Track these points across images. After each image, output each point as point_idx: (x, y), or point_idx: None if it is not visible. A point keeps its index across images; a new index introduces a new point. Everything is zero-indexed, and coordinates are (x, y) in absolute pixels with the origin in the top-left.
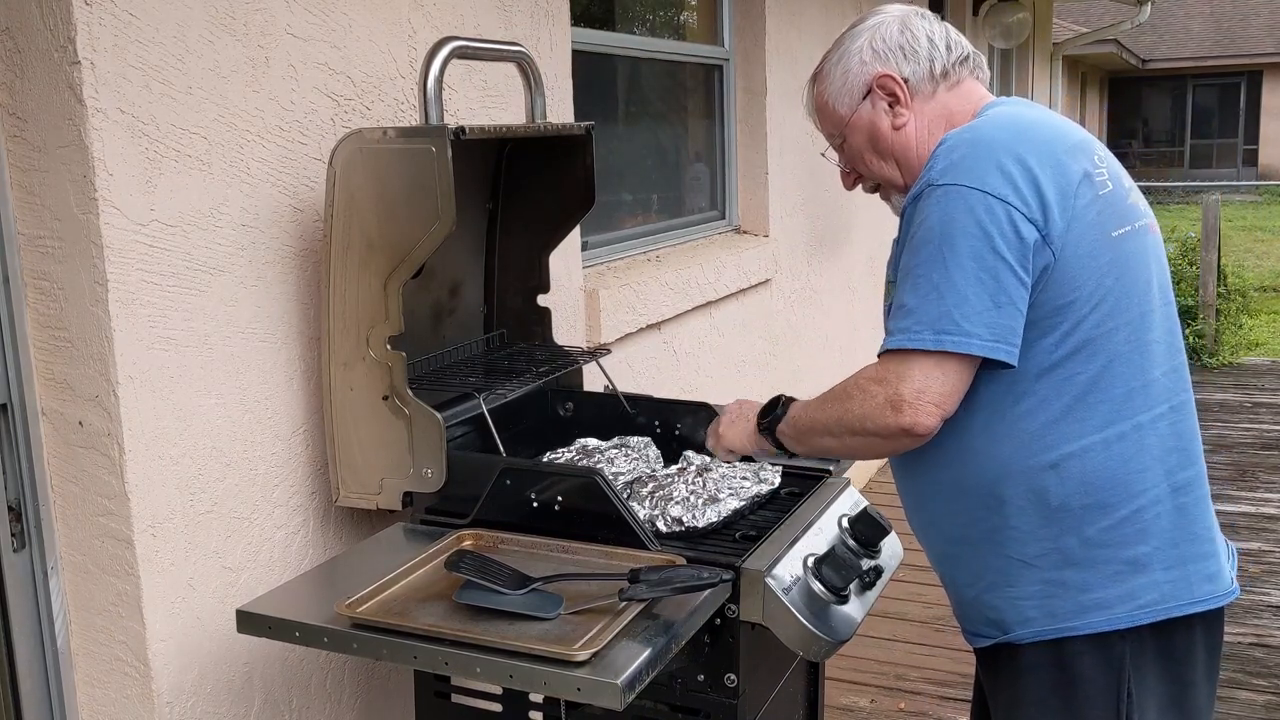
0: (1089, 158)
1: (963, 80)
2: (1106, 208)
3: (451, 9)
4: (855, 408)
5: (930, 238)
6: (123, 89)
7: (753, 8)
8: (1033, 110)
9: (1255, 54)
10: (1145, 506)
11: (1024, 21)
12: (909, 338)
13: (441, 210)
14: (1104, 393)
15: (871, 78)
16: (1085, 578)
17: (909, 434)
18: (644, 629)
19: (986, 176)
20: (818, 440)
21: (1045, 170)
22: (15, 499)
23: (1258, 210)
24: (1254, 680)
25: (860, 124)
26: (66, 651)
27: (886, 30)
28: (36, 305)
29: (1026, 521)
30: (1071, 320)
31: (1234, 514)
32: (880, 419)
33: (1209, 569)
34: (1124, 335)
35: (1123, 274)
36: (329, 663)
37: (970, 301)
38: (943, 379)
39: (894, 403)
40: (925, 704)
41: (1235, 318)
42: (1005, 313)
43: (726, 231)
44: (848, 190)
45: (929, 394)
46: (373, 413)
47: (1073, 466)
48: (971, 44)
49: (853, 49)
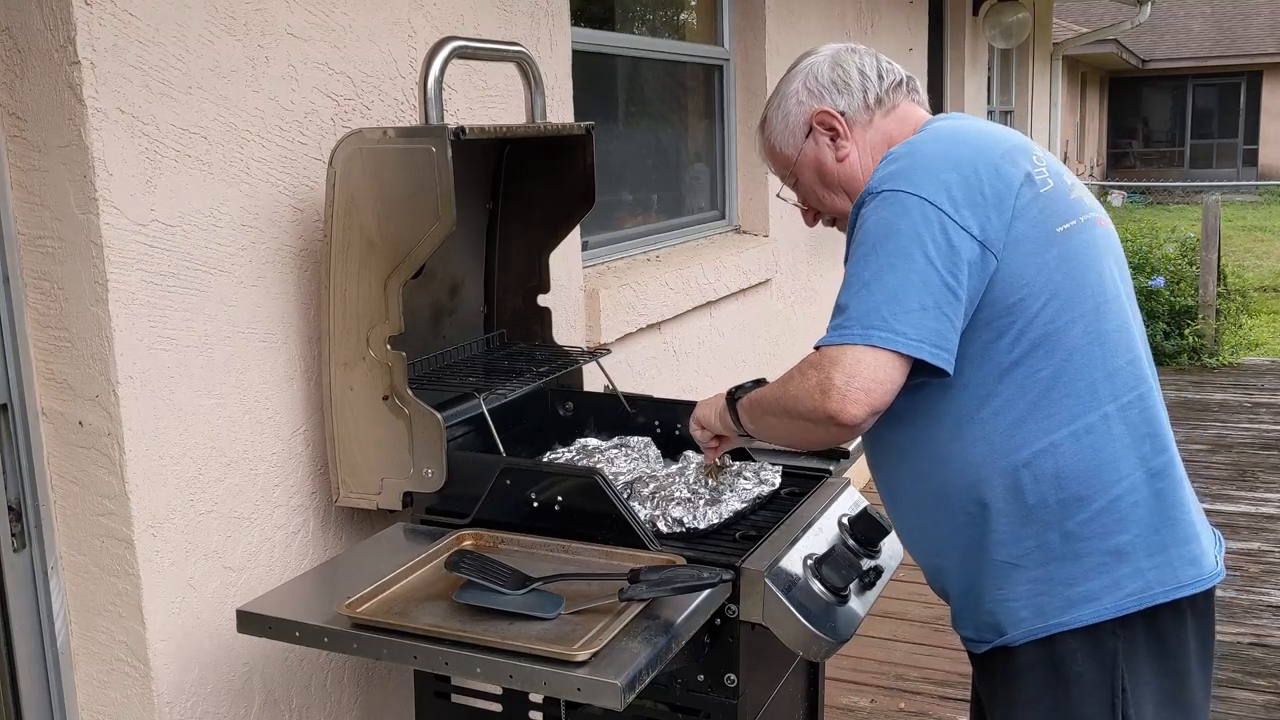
0: (1027, 158)
1: (899, 104)
2: (1048, 205)
3: (451, 9)
4: (792, 389)
5: (865, 239)
6: (123, 89)
7: (753, 8)
8: (970, 120)
9: (1255, 54)
10: (1121, 495)
11: (1024, 21)
12: (839, 334)
13: (441, 210)
14: (1067, 387)
15: (810, 115)
16: (1070, 572)
17: (835, 420)
18: (644, 629)
19: (922, 183)
20: (762, 420)
21: (983, 176)
22: (15, 499)
23: (1258, 210)
24: (1254, 680)
25: (806, 161)
26: (66, 651)
27: (818, 69)
28: (36, 305)
29: (1007, 522)
30: (1024, 318)
31: (1234, 514)
32: (809, 401)
33: (1191, 552)
34: (1080, 328)
35: (1072, 268)
36: (329, 663)
37: (898, 300)
38: (873, 367)
39: (824, 387)
40: (925, 704)
41: (1235, 318)
42: (931, 316)
43: (726, 231)
44: (809, 227)
45: (858, 380)
46: (373, 413)
47: (1045, 463)
48: (969, 48)
49: (789, 91)
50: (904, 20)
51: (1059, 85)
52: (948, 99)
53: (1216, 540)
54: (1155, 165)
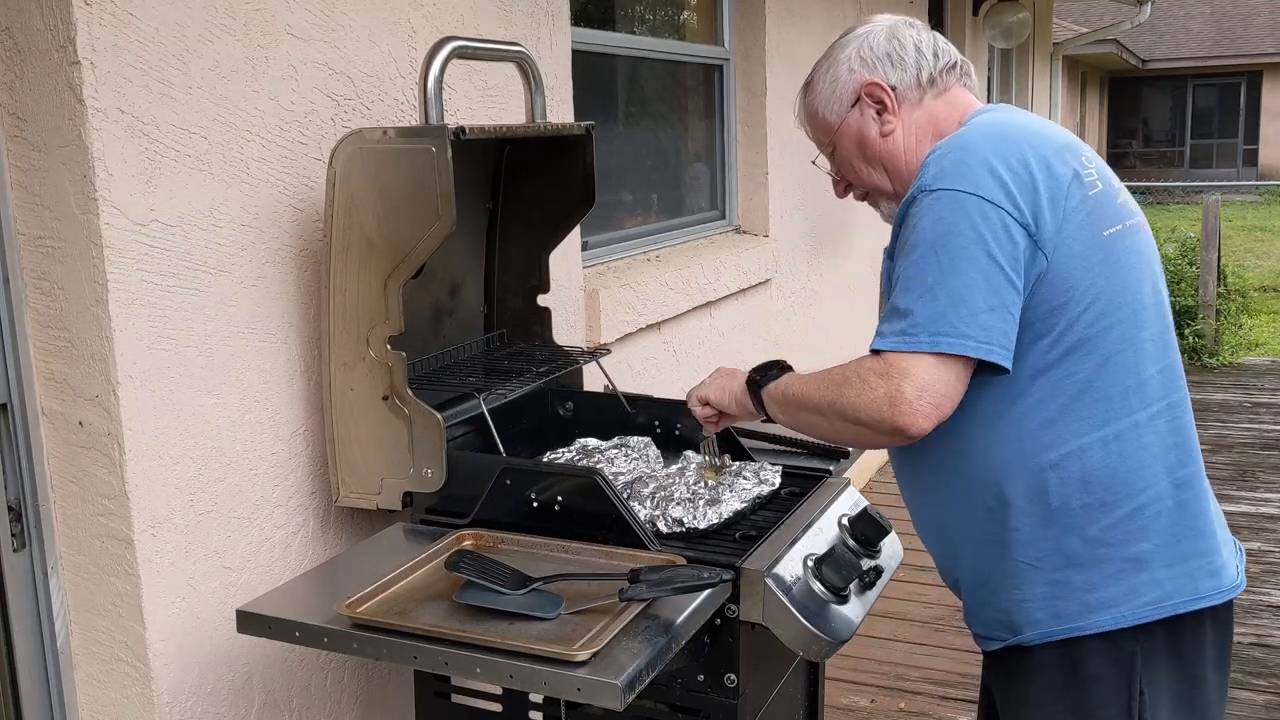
0: (1077, 159)
1: (950, 88)
2: (1097, 207)
3: (451, 9)
4: (852, 395)
5: (923, 241)
6: (123, 89)
7: (753, 8)
8: (1020, 115)
9: (1255, 54)
10: (1145, 504)
11: (1024, 21)
12: (904, 340)
13: (441, 210)
14: (1100, 391)
15: (859, 85)
16: (1089, 577)
17: (902, 433)
18: (644, 629)
19: (979, 181)
20: (803, 415)
21: (1036, 173)
22: (15, 499)
23: (1258, 210)
24: (1254, 680)
25: (849, 132)
26: (66, 651)
27: (874, 39)
28: (36, 305)
29: (1028, 522)
30: (1065, 320)
31: (1234, 514)
32: (876, 412)
33: (1212, 564)
34: (1118, 334)
35: (1114, 273)
36: (329, 663)
37: (965, 304)
38: (945, 381)
39: (893, 399)
40: (925, 704)
41: (1235, 318)
42: (998, 315)
43: (726, 231)
44: (839, 198)
45: (929, 394)
46: (373, 413)
47: (1072, 466)
48: (969, 48)
49: (841, 58)
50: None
51: (1059, 85)
52: None
53: (1237, 550)
54: (1155, 165)
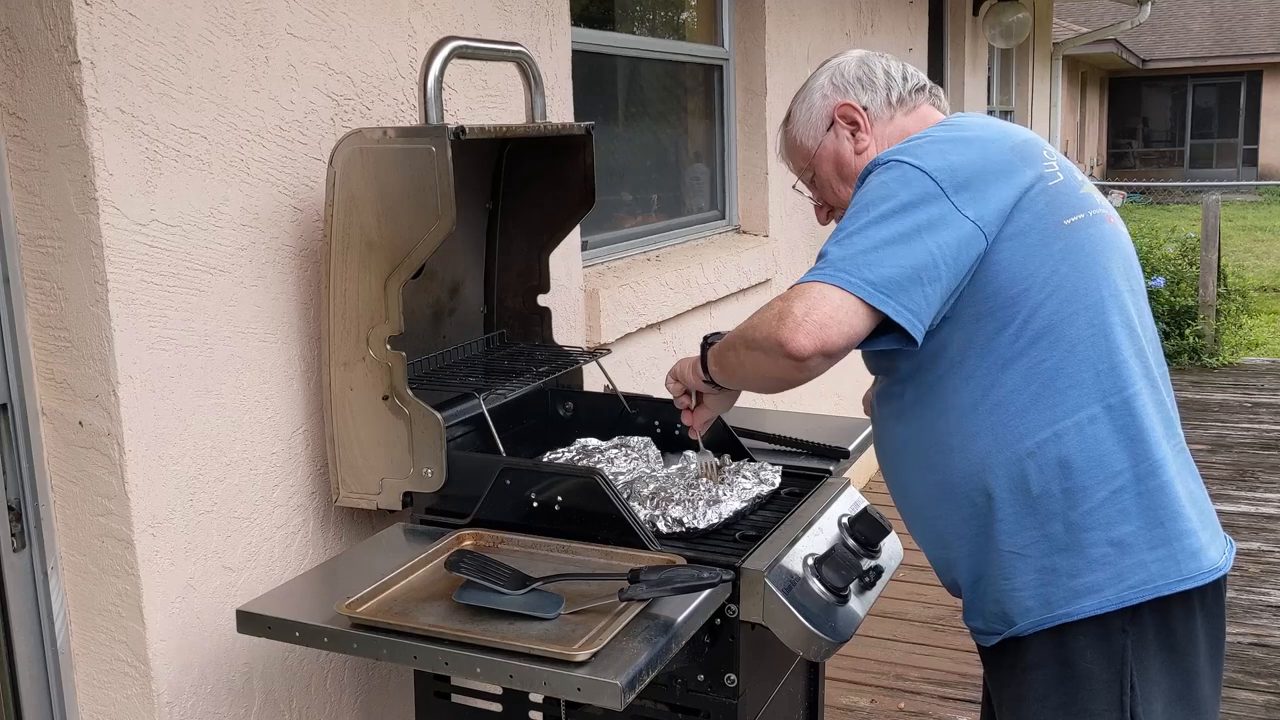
0: (1036, 151)
1: (919, 106)
2: (1056, 197)
3: (451, 9)
4: (755, 319)
5: (861, 199)
6: (123, 89)
7: (753, 8)
8: (983, 117)
9: (1255, 54)
10: (1124, 487)
11: (1024, 21)
12: (811, 273)
13: (441, 210)
14: (1070, 378)
15: (833, 108)
16: (1074, 563)
17: (783, 349)
18: (644, 629)
19: (928, 159)
20: (724, 355)
21: (990, 160)
22: (15, 499)
23: (1258, 210)
24: (1254, 680)
25: (826, 154)
26: (66, 651)
27: (845, 67)
28: (36, 305)
29: (1012, 512)
30: (1027, 309)
31: (1234, 514)
32: (765, 328)
33: (1193, 544)
34: (1084, 320)
35: (1078, 260)
36: (329, 663)
37: (876, 255)
38: (834, 306)
39: (781, 314)
40: (925, 704)
41: (1235, 318)
42: (906, 276)
43: (726, 231)
44: (822, 225)
45: (816, 313)
46: (373, 413)
47: (1048, 453)
48: (969, 48)
49: (814, 86)
50: (904, 20)
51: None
52: (948, 99)
53: (1227, 543)
54: (1155, 165)
